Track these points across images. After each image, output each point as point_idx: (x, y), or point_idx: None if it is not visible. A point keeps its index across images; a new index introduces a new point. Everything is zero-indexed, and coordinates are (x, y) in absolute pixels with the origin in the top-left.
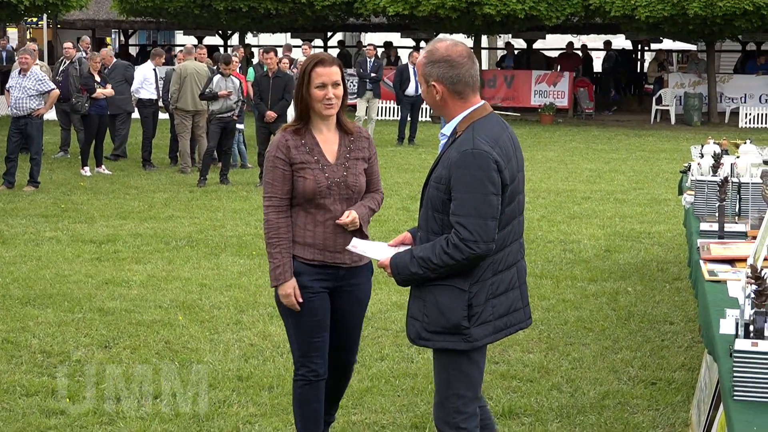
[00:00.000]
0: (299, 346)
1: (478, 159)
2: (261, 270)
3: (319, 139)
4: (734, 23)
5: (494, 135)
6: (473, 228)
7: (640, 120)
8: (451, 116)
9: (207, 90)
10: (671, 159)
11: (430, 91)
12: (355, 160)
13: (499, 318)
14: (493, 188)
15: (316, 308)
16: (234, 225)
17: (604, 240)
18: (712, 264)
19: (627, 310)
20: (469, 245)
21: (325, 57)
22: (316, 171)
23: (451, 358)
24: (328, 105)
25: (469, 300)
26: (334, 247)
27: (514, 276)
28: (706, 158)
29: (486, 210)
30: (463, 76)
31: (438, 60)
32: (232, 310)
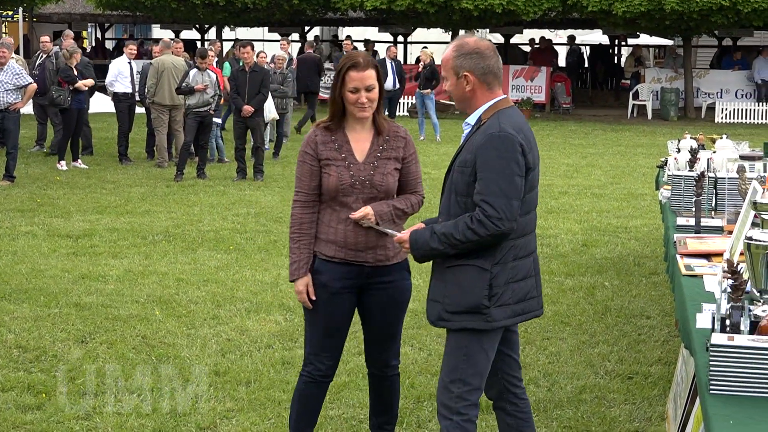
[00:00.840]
0: (310, 344)
1: (504, 141)
2: (238, 265)
3: (351, 136)
4: (711, 18)
5: (519, 123)
6: (499, 206)
7: (617, 115)
8: (477, 106)
9: (183, 84)
10: (648, 154)
11: (460, 83)
12: (386, 160)
13: (517, 303)
14: (518, 169)
15: (333, 310)
16: (211, 220)
17: (581, 234)
18: (688, 258)
19: (604, 304)
20: (495, 222)
21: (359, 60)
22: (341, 168)
23: (464, 343)
24: (360, 108)
25: (491, 280)
26: (355, 245)
27: (531, 264)
28: (683, 153)
29: (511, 190)
30: (492, 68)
31: (470, 52)
32: (209, 304)
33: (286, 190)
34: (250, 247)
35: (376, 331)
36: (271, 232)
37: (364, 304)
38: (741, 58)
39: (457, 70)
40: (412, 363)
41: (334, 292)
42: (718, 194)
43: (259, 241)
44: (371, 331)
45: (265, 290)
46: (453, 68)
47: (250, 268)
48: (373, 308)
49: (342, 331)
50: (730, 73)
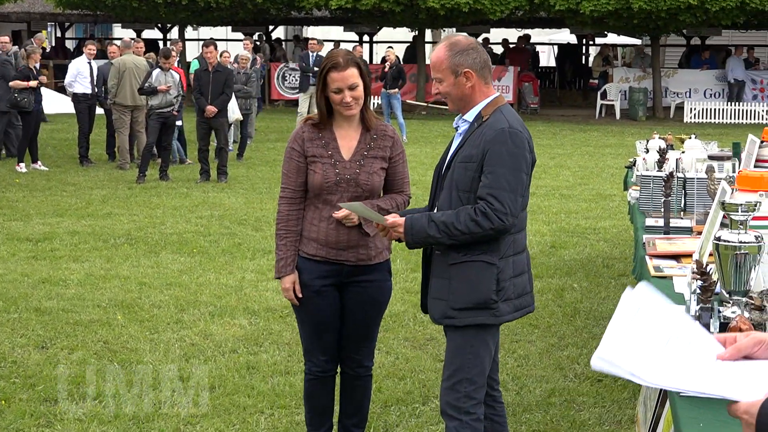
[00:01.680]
0: (304, 343)
1: (514, 137)
2: (201, 268)
3: (338, 133)
4: (679, 17)
5: (520, 121)
6: (505, 200)
7: (585, 115)
8: (475, 103)
9: (146, 84)
10: (616, 154)
11: (460, 81)
12: (373, 159)
13: (517, 297)
14: (525, 167)
15: (318, 307)
16: (174, 222)
17: (549, 236)
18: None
19: (573, 306)
20: (500, 216)
21: (339, 60)
22: (327, 166)
23: (471, 340)
24: (347, 107)
25: (497, 275)
26: (336, 244)
27: (525, 260)
28: (652, 153)
29: (518, 186)
30: (487, 62)
31: (465, 49)
32: (172, 309)
33: (250, 192)
34: (213, 250)
35: (353, 329)
36: (236, 234)
37: (343, 301)
38: (709, 58)
39: (455, 69)
40: (379, 367)
41: (316, 290)
42: (687, 195)
43: (223, 244)
44: (348, 329)
45: (229, 294)
46: (450, 67)
47: (214, 272)
48: (352, 307)
49: (331, 327)
50: (699, 72)
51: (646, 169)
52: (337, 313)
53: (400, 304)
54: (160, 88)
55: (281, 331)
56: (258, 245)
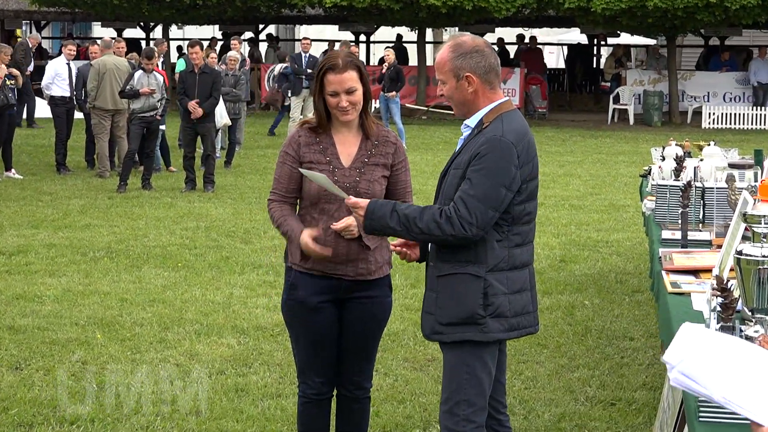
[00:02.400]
0: (298, 363)
1: (502, 147)
2: (187, 283)
3: (336, 139)
4: (696, 16)
5: (521, 130)
6: (474, 210)
7: (597, 120)
8: (478, 108)
9: (128, 87)
10: (630, 162)
11: (462, 86)
12: (373, 166)
13: (514, 316)
14: (506, 180)
15: (315, 325)
16: (157, 234)
17: (558, 249)
18: (674, 275)
19: (584, 324)
20: (463, 224)
21: (337, 61)
22: (325, 173)
23: (465, 359)
24: (343, 112)
25: (485, 288)
26: (334, 257)
27: (527, 277)
28: (668, 161)
29: (492, 199)
30: (493, 66)
31: (468, 51)
32: (155, 327)
33: (238, 202)
34: (200, 264)
35: (351, 348)
36: (223, 247)
37: (341, 318)
38: (729, 59)
39: (457, 72)
40: (377, 389)
41: (312, 307)
42: (706, 205)
43: (209, 258)
44: (346, 348)
45: (216, 311)
46: (452, 70)
47: (200, 287)
48: (351, 324)
49: (327, 347)
50: (718, 74)
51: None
52: (335, 330)
53: (399, 322)
54: (143, 91)
55: (272, 351)
56: (247, 259)
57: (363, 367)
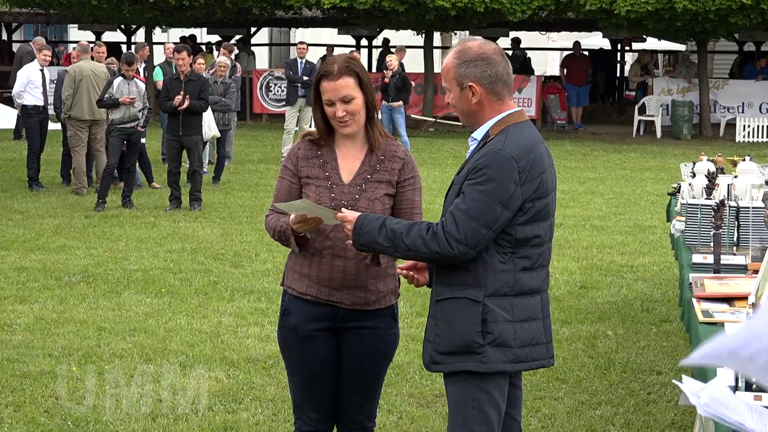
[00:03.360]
0: (293, 397)
1: (500, 161)
2: (171, 311)
3: (339, 152)
4: (730, 19)
5: (528, 143)
6: (463, 226)
7: (621, 133)
8: (484, 120)
9: (106, 96)
10: (657, 179)
11: (465, 95)
12: (376, 183)
13: (521, 347)
14: (503, 197)
15: (309, 356)
16: (139, 257)
17: (578, 275)
18: (706, 303)
19: (606, 357)
20: (450, 242)
21: (332, 68)
22: (322, 189)
23: (469, 392)
24: (341, 124)
25: (483, 314)
26: (329, 281)
27: (538, 305)
28: (699, 178)
29: (485, 216)
30: (501, 75)
31: (473, 59)
32: (136, 359)
33: (228, 222)
34: (185, 290)
35: (350, 384)
36: (211, 271)
37: (339, 350)
38: (766, 66)
39: (460, 81)
40: (380, 427)
41: (306, 336)
42: (741, 227)
43: (196, 283)
44: (345, 383)
45: (203, 341)
46: (455, 78)
47: (186, 315)
48: (348, 357)
49: (324, 380)
50: (753, 83)
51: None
52: (332, 362)
53: (404, 353)
54: (123, 100)
55: (264, 385)
56: (237, 284)
57: (363, 404)
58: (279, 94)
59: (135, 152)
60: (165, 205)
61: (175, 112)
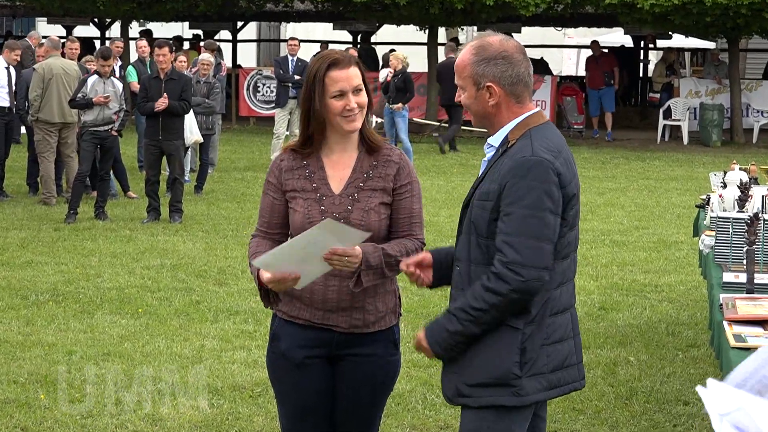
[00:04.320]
0: (282, 428)
1: (536, 167)
2: (149, 333)
3: (326, 161)
4: (764, 14)
5: (556, 144)
6: (523, 249)
7: (644, 139)
8: (501, 124)
9: (79, 95)
10: (684, 189)
11: (482, 96)
12: (370, 192)
13: (553, 371)
14: (551, 204)
15: (301, 385)
16: (113, 274)
17: (597, 295)
18: (738, 326)
19: (628, 386)
20: (517, 270)
21: (339, 56)
22: (310, 202)
23: (492, 424)
24: (350, 118)
25: (523, 342)
26: (323, 303)
27: (569, 323)
28: (730, 188)
29: (541, 230)
30: (522, 76)
31: (493, 56)
32: (110, 386)
33: (211, 236)
34: (164, 311)
35: (345, 416)
36: (193, 290)
37: (334, 378)
38: None
39: (477, 80)
40: None
41: (298, 363)
42: None
43: (176, 303)
44: (339, 415)
45: (184, 367)
46: (472, 76)
47: (165, 338)
48: (345, 386)
49: (317, 412)
50: None
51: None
52: (326, 393)
53: (406, 381)
54: (96, 100)
55: (251, 415)
56: (222, 304)
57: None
58: (268, 95)
59: (109, 159)
60: (142, 216)
61: (155, 115)
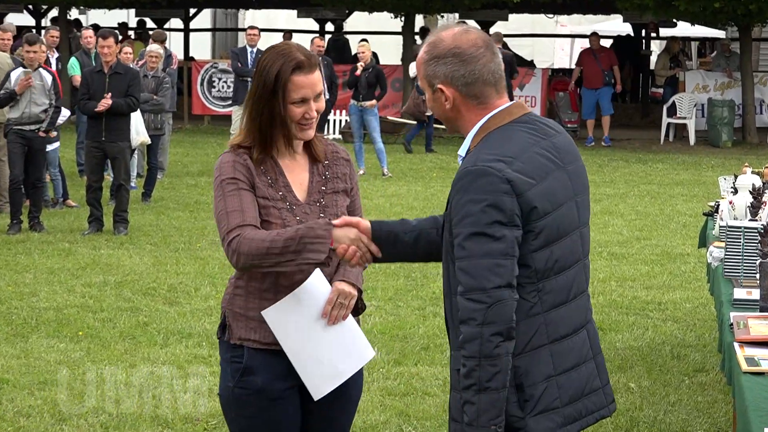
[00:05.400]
0: None
1: (479, 178)
2: (90, 358)
3: (284, 166)
4: None
5: (516, 147)
6: (476, 271)
7: (646, 139)
8: (467, 130)
9: (2, 90)
10: (690, 195)
11: (438, 99)
12: (333, 195)
13: (570, 403)
14: (501, 216)
15: (277, 422)
16: (50, 292)
17: (595, 314)
18: (751, 348)
19: (629, 415)
20: (477, 298)
21: (302, 58)
22: (284, 212)
23: None
24: (306, 125)
25: (518, 378)
26: None
27: (585, 343)
28: (742, 194)
29: (491, 246)
30: (481, 73)
31: (443, 54)
32: (47, 418)
33: (161, 248)
34: (108, 333)
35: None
36: (140, 309)
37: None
38: None
39: (430, 81)
40: None
41: (275, 397)
42: None
43: (121, 324)
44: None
45: (130, 396)
46: (425, 77)
47: (109, 364)
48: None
49: None
50: None
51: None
52: (298, 426)
53: (380, 411)
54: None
55: None
56: (172, 325)
57: None
58: (224, 90)
59: (40, 163)
60: (83, 228)
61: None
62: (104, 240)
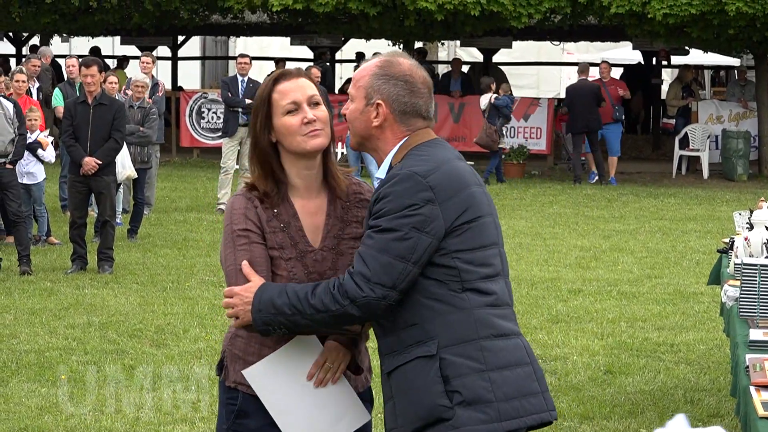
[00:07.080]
0: None
1: (405, 181)
2: (73, 404)
3: (299, 207)
4: None
5: (438, 158)
6: (372, 262)
7: (657, 172)
8: (386, 150)
9: None
10: (704, 232)
11: (368, 112)
12: (350, 241)
13: (506, 400)
14: (417, 221)
15: None
16: (32, 334)
17: (603, 356)
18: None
19: None
20: (361, 285)
21: (286, 70)
22: (292, 262)
23: None
24: (312, 133)
25: (443, 369)
26: None
27: (519, 349)
28: (758, 230)
29: (397, 246)
30: (419, 110)
31: (397, 75)
32: None
33: (148, 288)
34: (92, 377)
35: None
36: (126, 352)
37: None
38: None
39: (370, 93)
40: None
41: None
42: None
43: (106, 368)
44: None
45: None
46: (366, 88)
47: (93, 410)
48: None
49: None
50: None
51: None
52: None
53: None
54: None
55: None
56: (160, 369)
57: None
58: (214, 122)
59: (16, 196)
60: (66, 266)
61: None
62: (88, 279)
